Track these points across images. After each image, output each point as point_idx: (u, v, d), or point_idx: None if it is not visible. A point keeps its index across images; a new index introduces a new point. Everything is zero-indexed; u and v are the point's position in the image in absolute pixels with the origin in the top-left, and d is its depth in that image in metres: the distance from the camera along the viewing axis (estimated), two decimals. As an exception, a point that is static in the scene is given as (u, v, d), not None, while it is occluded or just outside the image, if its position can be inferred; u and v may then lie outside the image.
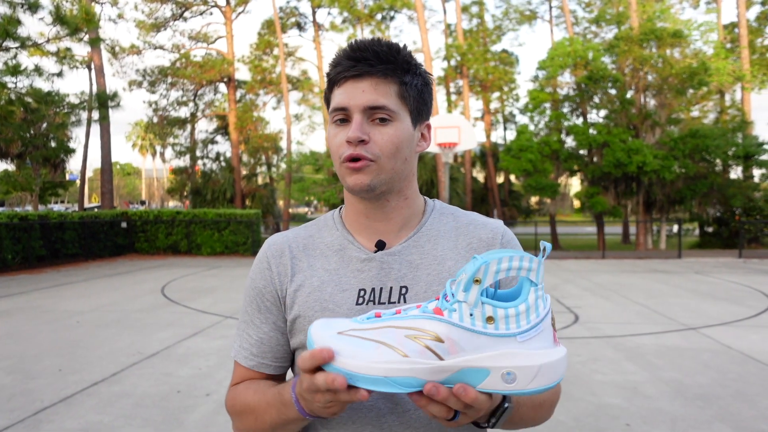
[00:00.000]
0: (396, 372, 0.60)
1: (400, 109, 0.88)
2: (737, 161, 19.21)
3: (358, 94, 0.85)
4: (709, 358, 5.28)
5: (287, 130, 24.59)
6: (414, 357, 0.61)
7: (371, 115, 0.86)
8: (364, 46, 0.87)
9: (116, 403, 4.10)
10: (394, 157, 0.87)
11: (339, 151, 0.87)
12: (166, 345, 5.82)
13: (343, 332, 0.64)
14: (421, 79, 0.91)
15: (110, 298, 8.95)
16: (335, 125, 0.89)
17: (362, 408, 0.86)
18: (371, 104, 0.85)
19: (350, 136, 0.84)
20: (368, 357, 0.61)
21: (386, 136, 0.86)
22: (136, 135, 52.72)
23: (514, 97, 29.17)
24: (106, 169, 20.06)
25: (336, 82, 0.88)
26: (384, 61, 0.86)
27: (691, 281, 10.90)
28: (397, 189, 0.92)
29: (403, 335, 0.62)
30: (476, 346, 0.61)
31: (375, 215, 0.93)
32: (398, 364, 0.60)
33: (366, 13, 23.62)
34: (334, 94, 0.89)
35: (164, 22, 24.71)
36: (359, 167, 0.85)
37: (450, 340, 0.61)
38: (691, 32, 18.87)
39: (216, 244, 17.13)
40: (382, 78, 0.86)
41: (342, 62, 0.87)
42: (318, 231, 0.99)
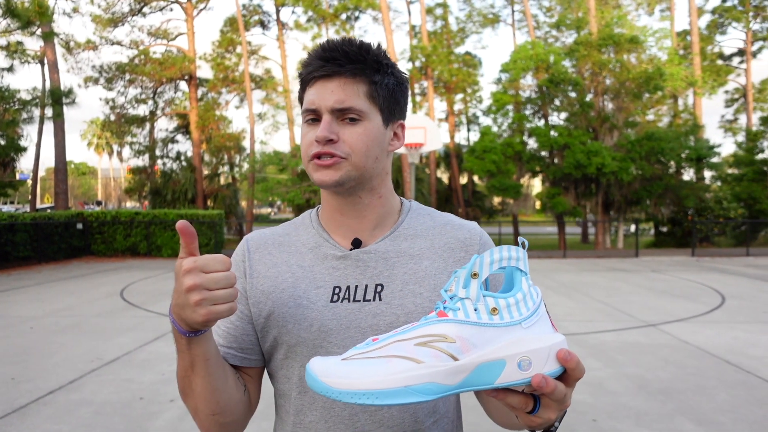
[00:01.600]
0: (415, 380, 0.58)
1: (369, 109, 0.88)
2: (690, 163, 19.98)
3: (327, 94, 0.86)
4: (668, 353, 5.46)
5: (250, 129, 24.22)
6: (429, 362, 0.58)
7: (340, 115, 0.86)
8: (334, 46, 0.87)
9: (75, 412, 3.93)
10: (364, 156, 0.88)
11: (308, 150, 0.88)
12: (127, 350, 5.63)
13: (348, 358, 0.61)
14: (393, 79, 0.91)
15: (66, 302, 8.60)
16: (306, 125, 0.89)
17: (335, 407, 0.87)
18: (338, 106, 0.85)
19: (318, 136, 0.85)
20: (382, 371, 0.58)
21: (355, 135, 0.86)
22: (91, 133, 51.08)
23: (478, 99, 29.58)
24: (60, 169, 19.31)
25: (307, 82, 0.89)
26: (353, 61, 0.86)
27: (648, 279, 11.26)
28: (369, 187, 0.92)
29: (412, 344, 0.60)
30: (486, 340, 0.60)
31: (349, 212, 0.93)
32: (415, 371, 0.57)
33: (331, 12, 23.51)
34: (306, 94, 0.89)
35: (122, 18, 23.98)
36: (329, 164, 0.86)
37: (461, 338, 0.60)
38: (646, 38, 19.52)
39: (177, 246, 16.68)
40: (350, 78, 0.86)
41: (313, 62, 0.88)
42: (295, 229, 1.00)
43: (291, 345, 0.89)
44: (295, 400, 0.90)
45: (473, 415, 3.72)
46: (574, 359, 0.61)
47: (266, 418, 1.24)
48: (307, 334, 0.88)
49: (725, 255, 16.48)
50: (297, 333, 0.88)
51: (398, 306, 0.87)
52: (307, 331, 0.88)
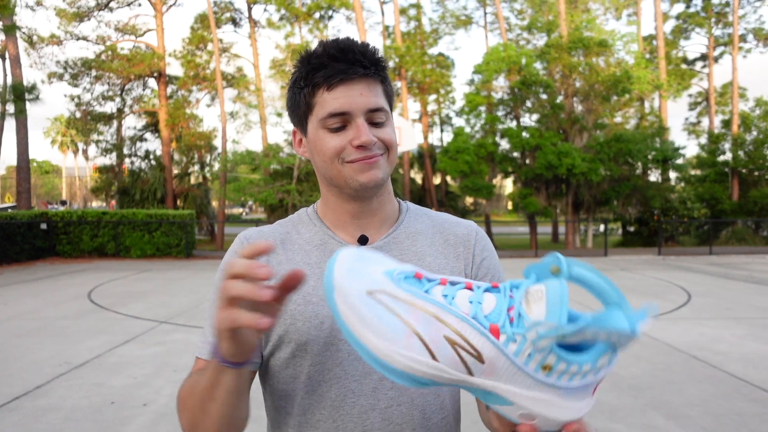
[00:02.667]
0: (420, 372, 0.52)
1: (387, 107, 0.90)
2: (656, 165, 20.52)
3: (356, 97, 0.84)
4: (639, 350, 5.59)
5: (222, 128, 23.85)
6: (444, 364, 0.52)
7: (370, 118, 0.86)
8: (349, 48, 0.85)
9: (42, 418, 3.80)
10: (395, 150, 0.90)
11: (341, 155, 0.86)
12: (97, 354, 5.47)
13: (374, 292, 0.54)
14: (390, 77, 0.93)
15: (30, 305, 8.32)
16: (327, 131, 0.86)
17: (344, 406, 0.85)
18: (372, 106, 0.85)
19: (364, 141, 0.83)
20: (396, 343, 0.52)
21: (386, 134, 0.88)
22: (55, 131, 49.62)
23: (451, 100, 29.77)
24: (23, 167, 18.68)
25: (323, 86, 0.85)
26: (373, 63, 0.86)
27: (617, 278, 11.51)
28: (386, 184, 0.94)
29: (442, 333, 0.52)
30: (514, 380, 0.53)
31: (362, 214, 0.93)
32: (425, 366, 0.52)
33: (304, 11, 23.35)
34: (323, 99, 0.85)
35: (88, 12, 23.31)
36: (373, 162, 0.86)
37: (491, 365, 0.52)
38: (614, 42, 19.97)
39: (146, 246, 16.36)
40: (373, 79, 0.86)
41: (329, 64, 0.84)
42: (294, 227, 0.97)
43: (300, 343, 0.87)
44: (302, 400, 0.88)
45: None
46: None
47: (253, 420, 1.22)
48: (318, 332, 0.86)
49: (689, 254, 16.99)
50: (307, 331, 0.86)
51: None
52: (318, 329, 0.86)
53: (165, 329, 6.60)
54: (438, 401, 0.89)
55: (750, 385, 4.44)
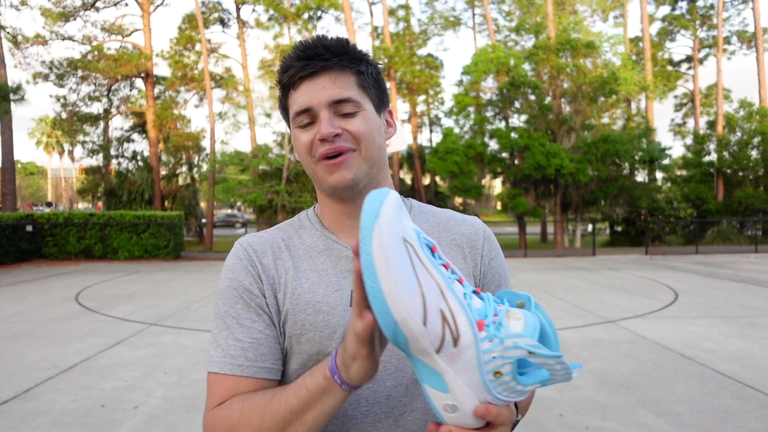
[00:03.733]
0: (406, 328, 0.56)
1: (362, 99, 0.86)
2: (643, 165, 20.76)
3: (318, 91, 0.83)
4: (628, 348, 5.64)
5: (210, 128, 23.71)
6: (429, 330, 0.56)
7: (337, 110, 0.84)
8: (312, 44, 0.84)
9: (31, 422, 3.76)
10: (371, 144, 0.86)
11: (313, 153, 0.84)
12: (85, 356, 5.42)
13: (406, 242, 0.57)
14: (374, 68, 0.90)
15: (16, 308, 8.22)
16: (300, 130, 0.86)
17: (357, 414, 0.84)
18: (336, 98, 0.83)
19: (323, 133, 0.82)
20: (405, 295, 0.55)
21: (357, 124, 0.84)
22: (41, 131, 49.03)
23: (440, 101, 29.88)
24: (8, 168, 18.44)
25: (291, 86, 0.85)
26: (337, 54, 0.84)
27: (606, 277, 11.62)
28: (376, 182, 0.89)
29: (439, 307, 0.57)
30: (465, 374, 0.58)
31: (356, 215, 0.89)
32: (415, 326, 0.56)
33: (293, 11, 23.29)
34: (292, 99, 0.86)
35: (73, 12, 23.07)
36: (340, 162, 0.83)
37: (460, 352, 0.58)
38: (601, 44, 20.15)
39: (134, 248, 16.23)
40: (339, 71, 0.84)
41: (293, 64, 0.84)
42: (295, 232, 0.94)
43: (311, 354, 0.84)
44: None
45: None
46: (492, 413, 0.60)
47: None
48: (329, 341, 0.83)
49: (676, 253, 17.19)
50: (319, 341, 0.83)
51: None
52: (329, 338, 0.83)
53: (155, 331, 6.55)
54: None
55: (737, 383, 4.50)
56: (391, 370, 0.84)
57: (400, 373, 0.85)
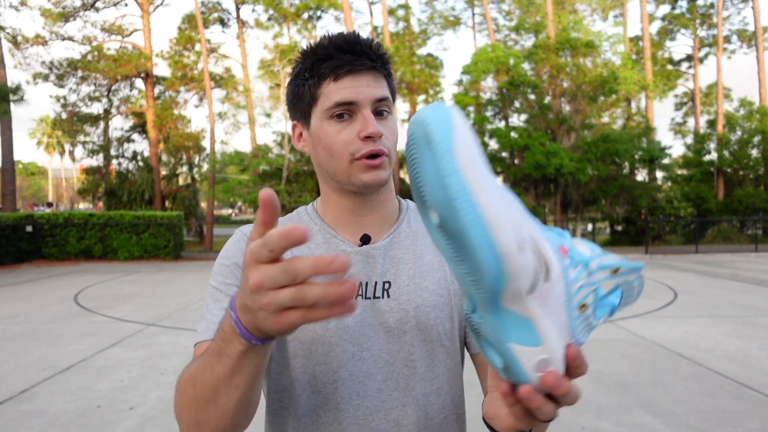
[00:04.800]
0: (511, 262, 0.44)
1: (392, 103, 0.89)
2: (643, 164, 20.75)
3: (363, 88, 0.84)
4: (625, 348, 5.64)
5: (210, 128, 23.72)
6: (526, 261, 0.46)
7: (376, 109, 0.85)
8: (355, 40, 0.85)
9: (27, 422, 3.76)
10: (396, 149, 0.89)
11: (349, 149, 0.84)
12: (83, 357, 5.42)
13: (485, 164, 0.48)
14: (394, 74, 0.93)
15: (15, 308, 8.22)
16: (333, 121, 0.85)
17: (349, 408, 0.84)
18: (380, 96, 0.84)
19: (372, 131, 0.82)
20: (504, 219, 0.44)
21: (391, 129, 0.87)
22: (41, 132, 49.06)
23: (440, 100, 29.85)
24: (8, 168, 18.46)
25: (330, 77, 0.84)
26: (379, 57, 0.86)
27: (605, 277, 11.60)
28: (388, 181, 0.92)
29: (529, 233, 0.47)
30: (555, 315, 0.50)
31: (362, 211, 0.91)
32: (520, 256, 0.45)
33: (292, 11, 23.29)
34: (329, 89, 0.85)
35: (73, 12, 23.08)
36: (380, 163, 0.84)
37: (550, 288, 0.49)
38: (601, 43, 20.15)
39: (134, 248, 16.23)
40: (379, 73, 0.86)
41: (337, 56, 0.84)
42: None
43: (305, 343, 0.85)
44: (306, 401, 0.85)
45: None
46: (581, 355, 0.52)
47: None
48: (323, 331, 0.84)
49: (676, 252, 17.17)
50: (313, 330, 0.84)
51: (406, 301, 0.87)
52: (323, 328, 0.84)
53: (152, 332, 6.55)
54: (440, 401, 0.88)
55: (735, 383, 4.49)
56: (382, 364, 0.85)
57: (390, 367, 0.85)
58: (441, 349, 0.89)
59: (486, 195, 0.44)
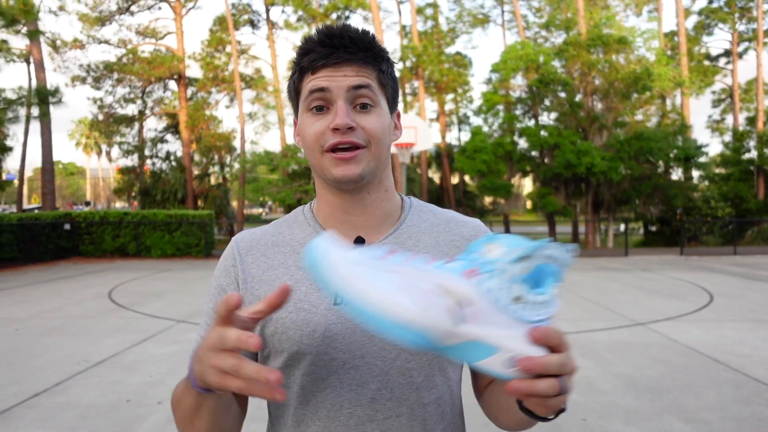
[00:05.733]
0: (407, 323, 0.54)
1: (380, 96, 0.85)
2: (678, 163, 20.15)
3: (339, 77, 0.82)
4: (657, 352, 5.48)
5: (241, 129, 24.09)
6: (432, 312, 0.55)
7: (354, 100, 0.82)
8: (339, 33, 0.83)
9: (59, 415, 3.87)
10: (381, 144, 0.84)
11: (320, 141, 0.82)
12: (114, 352, 5.56)
13: (358, 262, 0.57)
14: (392, 67, 0.89)
15: (52, 303, 8.50)
16: (311, 113, 0.83)
17: (340, 416, 0.82)
18: (356, 83, 0.81)
19: (338, 123, 0.80)
20: (386, 293, 0.54)
21: (372, 122, 0.83)
22: (79, 133, 50.60)
23: (468, 99, 29.65)
24: (47, 169, 19.11)
25: (309, 70, 0.83)
26: (363, 49, 0.83)
27: (637, 278, 11.33)
28: (378, 180, 0.88)
29: (429, 286, 0.56)
30: (495, 322, 0.56)
31: (353, 209, 0.88)
32: (413, 314, 0.54)
33: (321, 12, 23.45)
34: (306, 82, 0.84)
35: (109, 16, 23.74)
36: (350, 157, 0.81)
37: (474, 307, 0.56)
38: (634, 39, 19.64)
39: (167, 246, 16.59)
40: (362, 65, 0.83)
41: (316, 49, 0.82)
42: (288, 228, 0.93)
43: (292, 353, 0.83)
44: (296, 411, 0.84)
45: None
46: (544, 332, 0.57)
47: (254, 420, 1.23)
48: (309, 340, 0.82)
49: (713, 254, 16.63)
50: (299, 340, 0.82)
51: None
52: (309, 337, 0.82)
53: (182, 328, 6.68)
54: (438, 411, 0.85)
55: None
56: (376, 373, 0.82)
57: (386, 376, 0.82)
58: (440, 358, 0.85)
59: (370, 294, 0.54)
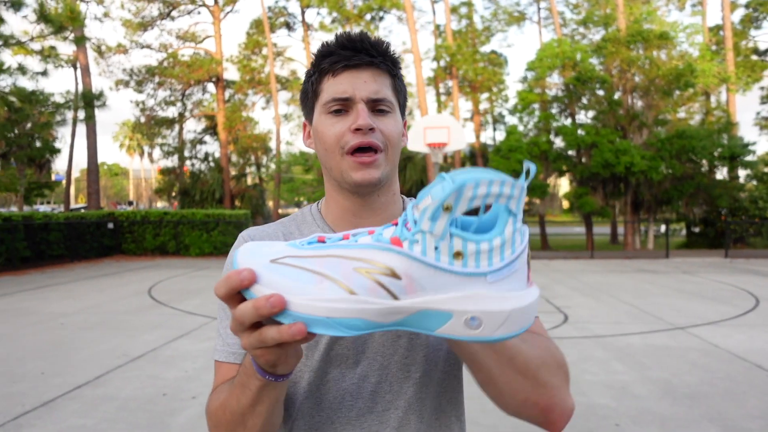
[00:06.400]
0: (340, 312, 0.51)
1: (394, 102, 0.87)
2: (723, 162, 19.41)
3: (360, 84, 0.83)
4: (696, 357, 5.31)
5: (276, 130, 24.48)
6: (363, 295, 0.51)
7: (372, 107, 0.84)
8: (358, 38, 0.85)
9: (100, 406, 4.02)
10: (396, 147, 0.87)
11: (340, 142, 0.84)
12: (153, 347, 5.74)
13: (278, 260, 0.54)
14: (403, 76, 0.92)
15: (95, 299, 8.83)
16: (330, 115, 0.85)
17: (342, 408, 0.85)
18: (375, 96, 0.84)
19: (361, 124, 0.81)
20: (308, 293, 0.51)
21: (389, 125, 0.85)
22: (123, 135, 52.24)
23: (504, 98, 29.26)
24: (93, 170, 19.84)
25: (330, 72, 0.85)
26: (381, 54, 0.85)
27: (678, 281, 10.98)
28: (389, 184, 0.90)
29: (351, 267, 0.52)
30: (439, 285, 0.51)
31: (363, 212, 0.89)
32: (344, 303, 0.51)
33: (355, 13, 23.59)
34: (327, 84, 0.85)
35: (151, 21, 24.50)
36: (371, 162, 0.83)
37: (408, 276, 0.51)
38: (677, 34, 19.04)
39: (204, 245, 16.99)
40: (380, 70, 0.85)
41: (337, 52, 0.84)
42: (296, 227, 0.95)
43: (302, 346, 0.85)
44: (301, 404, 0.87)
45: (491, 417, 3.68)
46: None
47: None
48: (318, 337, 0.84)
49: (760, 256, 15.95)
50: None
51: None
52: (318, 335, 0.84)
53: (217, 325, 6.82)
54: (434, 403, 0.87)
55: (820, 399, 4.13)
56: (376, 367, 0.85)
57: (385, 370, 0.85)
58: (438, 353, 0.88)
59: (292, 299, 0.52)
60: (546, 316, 7.40)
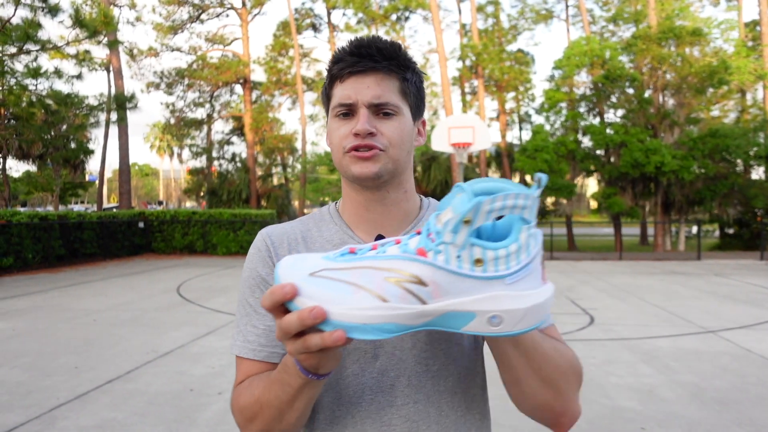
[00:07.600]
0: (376, 319, 0.57)
1: (402, 104, 0.89)
2: (759, 161, 18.85)
3: (363, 89, 0.86)
4: (727, 361, 5.18)
5: (302, 130, 24.71)
6: (394, 302, 0.57)
7: (376, 111, 0.87)
8: (367, 43, 0.88)
9: (130, 400, 4.14)
10: (399, 148, 0.89)
11: (343, 143, 0.88)
12: (180, 344, 5.87)
13: (316, 273, 0.60)
14: (418, 77, 0.93)
15: (126, 297, 9.06)
16: (338, 119, 0.89)
17: (362, 402, 0.87)
18: (376, 101, 0.86)
19: (359, 129, 0.85)
20: (345, 302, 0.58)
21: (392, 128, 0.88)
22: (153, 136, 53.36)
23: (530, 97, 28.96)
24: (124, 170, 20.34)
25: (338, 78, 0.89)
26: (387, 58, 0.87)
27: (710, 283, 10.70)
28: (398, 181, 0.92)
29: (382, 277, 0.58)
30: (462, 290, 0.57)
31: (375, 208, 0.93)
32: (378, 310, 0.57)
33: (381, 14, 23.65)
34: (336, 90, 0.90)
35: (181, 25, 25.00)
36: (368, 156, 0.86)
37: (434, 283, 0.57)
38: (711, 30, 18.57)
39: (231, 244, 17.26)
40: (386, 74, 0.88)
41: (345, 58, 0.88)
42: (315, 225, 0.99)
43: None
44: (322, 398, 0.89)
45: (513, 418, 3.66)
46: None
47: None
48: None
49: (798, 259, 15.43)
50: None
51: None
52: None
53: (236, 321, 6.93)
54: (455, 399, 0.89)
55: None
56: (395, 362, 0.87)
57: (403, 364, 0.87)
58: (456, 348, 0.89)
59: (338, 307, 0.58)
60: (572, 317, 7.31)
